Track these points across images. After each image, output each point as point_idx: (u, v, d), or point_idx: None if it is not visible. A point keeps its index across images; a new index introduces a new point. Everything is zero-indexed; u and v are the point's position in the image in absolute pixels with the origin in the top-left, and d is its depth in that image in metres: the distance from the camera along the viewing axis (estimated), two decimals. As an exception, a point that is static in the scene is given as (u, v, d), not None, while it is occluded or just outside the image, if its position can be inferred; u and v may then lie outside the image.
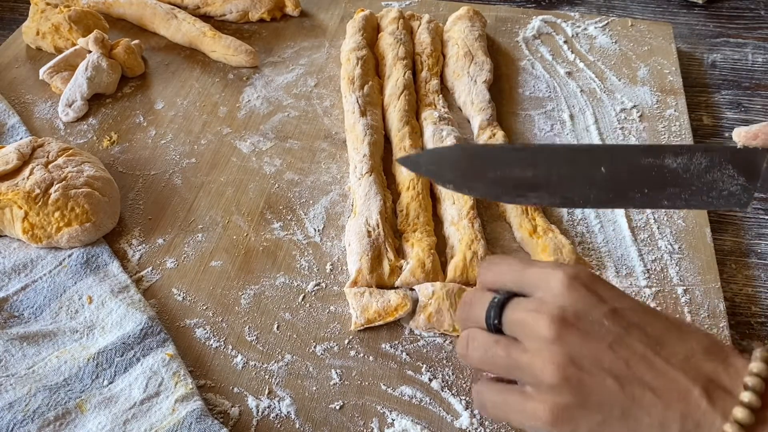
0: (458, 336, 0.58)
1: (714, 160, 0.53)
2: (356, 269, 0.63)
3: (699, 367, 0.41)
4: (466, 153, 0.58)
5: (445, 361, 0.59)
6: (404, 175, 0.72)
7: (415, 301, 0.61)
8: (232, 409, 0.55)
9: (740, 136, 0.53)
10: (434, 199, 0.71)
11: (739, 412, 0.39)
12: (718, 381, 0.41)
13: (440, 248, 0.67)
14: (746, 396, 0.40)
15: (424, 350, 0.59)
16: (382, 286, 0.63)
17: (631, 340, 0.42)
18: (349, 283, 0.63)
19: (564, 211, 0.71)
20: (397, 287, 0.63)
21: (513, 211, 0.69)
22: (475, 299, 0.47)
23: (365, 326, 0.60)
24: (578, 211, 0.71)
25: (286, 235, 0.69)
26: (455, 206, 0.68)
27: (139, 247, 0.67)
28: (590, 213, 0.71)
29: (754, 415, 0.39)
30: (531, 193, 0.56)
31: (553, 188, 0.55)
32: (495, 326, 0.45)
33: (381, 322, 0.60)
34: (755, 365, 0.41)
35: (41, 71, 0.85)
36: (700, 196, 0.54)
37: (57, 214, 0.65)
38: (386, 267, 0.63)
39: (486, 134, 0.77)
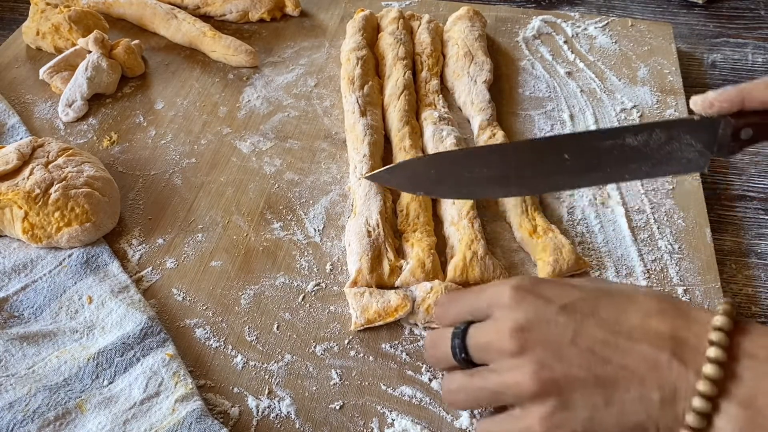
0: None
1: (672, 133, 0.55)
2: (356, 269, 0.63)
3: (660, 331, 0.43)
4: (434, 161, 0.60)
5: (445, 361, 0.59)
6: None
7: (415, 301, 0.61)
8: (232, 409, 0.55)
9: (696, 105, 0.55)
10: (434, 200, 0.71)
11: (708, 369, 0.41)
12: (684, 340, 0.42)
13: (440, 248, 0.67)
14: (712, 351, 0.41)
15: (424, 350, 0.59)
16: (382, 286, 0.63)
17: (588, 329, 0.43)
18: (349, 283, 0.63)
19: (564, 211, 0.71)
20: (397, 287, 0.63)
21: (513, 211, 0.69)
22: (437, 338, 0.49)
23: (365, 326, 0.60)
24: (578, 211, 0.71)
25: (286, 235, 0.69)
26: (455, 206, 0.68)
27: (139, 247, 0.67)
28: (590, 213, 0.71)
29: (723, 370, 0.40)
30: (501, 188, 0.60)
31: (522, 181, 0.59)
32: (463, 359, 0.47)
33: (381, 323, 0.60)
34: (718, 319, 0.42)
35: (41, 71, 0.85)
36: (660, 167, 0.58)
37: (57, 214, 0.65)
38: (386, 267, 0.63)
39: (486, 134, 0.77)
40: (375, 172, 0.64)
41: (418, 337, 0.60)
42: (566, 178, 0.59)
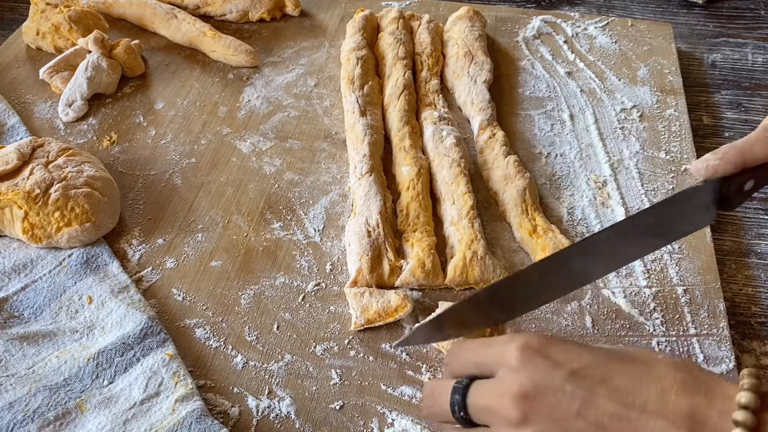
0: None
1: (678, 208, 0.53)
2: (356, 269, 0.63)
3: (678, 406, 0.39)
4: (450, 313, 0.55)
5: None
6: (404, 176, 0.72)
7: (415, 303, 0.61)
8: (232, 409, 0.55)
9: (700, 172, 0.53)
10: (434, 199, 0.71)
11: None
12: (704, 418, 0.38)
13: (440, 248, 0.67)
14: None
15: (424, 350, 0.59)
16: (382, 286, 0.63)
17: (598, 400, 0.40)
18: (349, 283, 0.63)
19: (564, 211, 0.71)
20: (397, 287, 0.63)
21: (513, 211, 0.69)
22: (437, 390, 0.46)
23: (365, 326, 0.60)
24: (578, 211, 0.71)
25: (286, 235, 0.69)
26: (455, 206, 0.68)
27: (139, 247, 0.67)
28: (590, 213, 0.71)
29: None
30: (510, 312, 0.56)
31: (531, 300, 0.55)
32: (462, 417, 0.44)
33: (381, 323, 0.60)
34: (743, 396, 0.38)
35: (41, 71, 0.85)
36: (667, 236, 0.55)
37: (57, 214, 0.65)
38: (386, 267, 0.63)
39: (486, 134, 0.77)
40: (401, 339, 0.58)
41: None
42: (573, 280, 0.55)
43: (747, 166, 0.52)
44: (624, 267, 0.66)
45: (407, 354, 0.59)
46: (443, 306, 0.60)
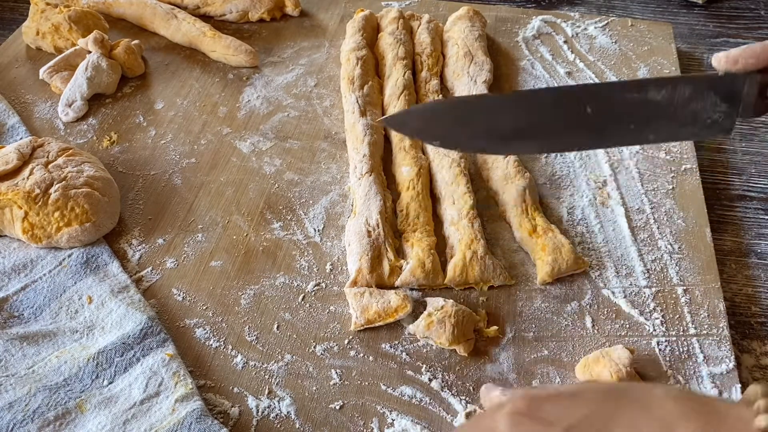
0: (452, 348, 0.58)
1: (697, 89, 0.52)
2: (356, 269, 0.63)
3: None
4: (449, 105, 0.56)
5: (445, 362, 0.59)
6: (404, 175, 0.72)
7: (415, 302, 0.61)
8: (232, 409, 0.55)
9: (720, 62, 0.52)
10: (434, 199, 0.71)
11: None
12: None
13: (440, 248, 0.67)
14: None
15: (424, 350, 0.59)
16: (382, 286, 0.63)
17: None
18: (349, 282, 0.63)
19: (564, 211, 0.71)
20: (397, 287, 0.63)
21: (513, 211, 0.69)
22: None
23: (365, 326, 0.60)
24: (578, 211, 0.71)
25: (286, 235, 0.69)
26: (455, 206, 0.68)
27: (139, 247, 0.67)
28: (590, 213, 0.71)
29: None
30: (517, 141, 0.55)
31: (540, 135, 0.54)
32: None
33: (381, 323, 0.60)
34: (763, 419, 0.36)
35: (41, 71, 0.85)
36: (686, 128, 0.53)
37: (57, 214, 0.65)
38: (386, 267, 0.63)
39: None
40: (389, 116, 0.60)
41: (419, 338, 0.60)
42: (587, 134, 0.54)
43: None
44: (623, 267, 0.66)
45: (407, 354, 0.59)
46: (432, 303, 0.60)
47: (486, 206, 0.72)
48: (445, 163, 0.72)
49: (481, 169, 0.75)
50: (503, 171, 0.72)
